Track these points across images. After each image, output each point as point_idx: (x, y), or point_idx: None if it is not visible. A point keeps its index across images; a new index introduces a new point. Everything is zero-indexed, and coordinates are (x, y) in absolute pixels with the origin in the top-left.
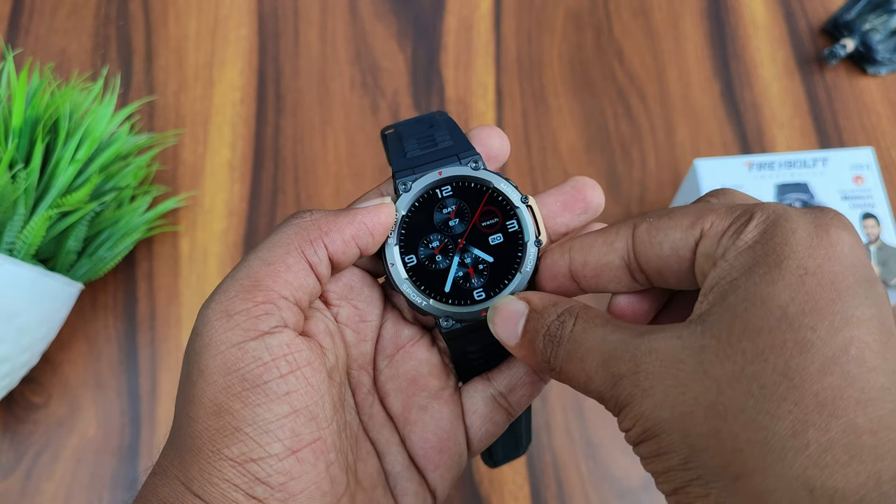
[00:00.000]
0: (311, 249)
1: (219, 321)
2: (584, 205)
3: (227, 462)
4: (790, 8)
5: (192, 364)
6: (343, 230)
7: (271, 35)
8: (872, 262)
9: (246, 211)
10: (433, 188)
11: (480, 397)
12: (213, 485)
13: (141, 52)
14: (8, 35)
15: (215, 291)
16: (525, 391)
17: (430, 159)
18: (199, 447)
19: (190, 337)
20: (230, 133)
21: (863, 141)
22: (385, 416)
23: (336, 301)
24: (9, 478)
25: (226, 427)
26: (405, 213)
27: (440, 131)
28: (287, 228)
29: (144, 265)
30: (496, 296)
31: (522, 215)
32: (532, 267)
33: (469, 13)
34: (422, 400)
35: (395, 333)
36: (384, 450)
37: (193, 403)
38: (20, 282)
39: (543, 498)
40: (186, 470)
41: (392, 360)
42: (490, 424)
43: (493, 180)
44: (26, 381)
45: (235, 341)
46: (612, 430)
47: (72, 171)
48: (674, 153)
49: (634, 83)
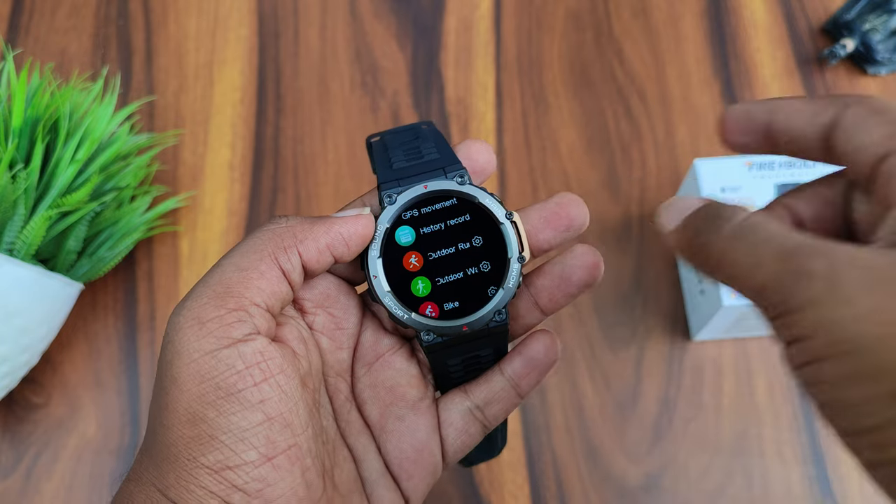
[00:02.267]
0: (285, 256)
1: (191, 329)
2: (567, 222)
3: (204, 469)
4: (790, 8)
5: (164, 372)
6: (318, 238)
7: (271, 35)
8: None
9: (246, 211)
10: (418, 201)
11: (457, 410)
12: (190, 492)
13: (141, 52)
14: (8, 35)
15: (187, 297)
16: (502, 406)
17: (416, 171)
18: (175, 455)
19: (162, 344)
20: (230, 133)
21: None
22: (362, 424)
23: (311, 309)
24: (9, 478)
25: (201, 435)
26: (388, 225)
27: (426, 143)
28: (261, 234)
29: (144, 265)
30: (477, 312)
31: (506, 231)
32: (515, 283)
33: (469, 13)
34: (399, 410)
35: (374, 342)
36: (361, 456)
37: (167, 411)
38: (20, 282)
39: (543, 498)
40: (163, 477)
41: (371, 368)
42: (465, 437)
43: (478, 195)
44: (26, 381)
45: (208, 349)
46: (612, 430)
47: (72, 171)
48: (674, 153)
49: (634, 83)
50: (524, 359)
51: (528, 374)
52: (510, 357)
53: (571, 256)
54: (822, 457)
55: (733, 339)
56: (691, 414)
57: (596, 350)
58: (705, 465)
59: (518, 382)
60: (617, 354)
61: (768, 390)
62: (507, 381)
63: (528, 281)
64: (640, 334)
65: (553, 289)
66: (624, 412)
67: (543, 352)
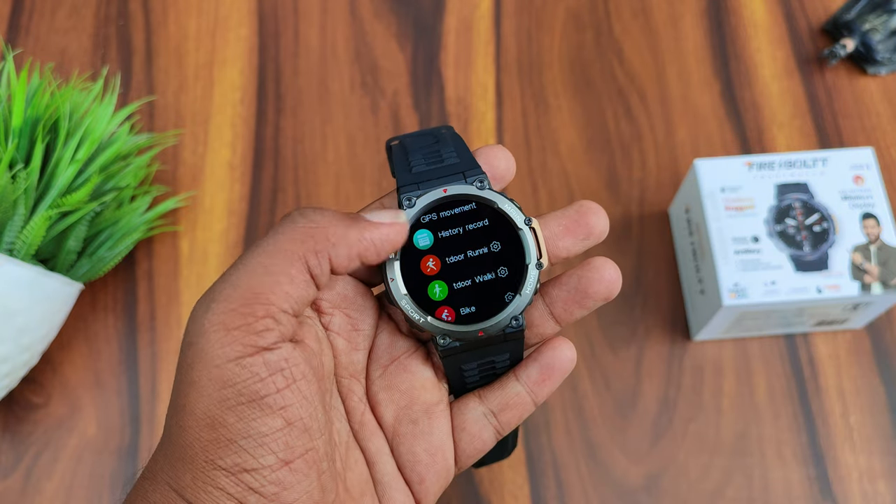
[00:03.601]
0: (316, 260)
1: (216, 334)
2: (586, 230)
3: (221, 472)
4: (790, 8)
5: (184, 374)
6: (351, 245)
7: (271, 35)
8: (872, 263)
9: (246, 211)
10: (437, 205)
11: (471, 415)
12: (207, 493)
13: (141, 52)
14: (8, 35)
15: (212, 298)
16: (516, 412)
17: (436, 175)
18: (192, 457)
19: (183, 345)
20: (230, 133)
21: (863, 141)
22: (376, 425)
23: (329, 309)
24: (9, 477)
25: (219, 439)
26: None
27: (446, 147)
28: (292, 231)
29: (144, 265)
30: (494, 317)
31: (525, 237)
32: (532, 290)
33: (469, 13)
34: (413, 413)
35: (390, 344)
36: (374, 458)
37: (185, 413)
38: (20, 282)
39: (543, 498)
40: (179, 478)
41: (386, 370)
42: (479, 442)
43: (498, 201)
44: (26, 381)
45: (233, 356)
46: (612, 430)
47: (72, 171)
48: (674, 153)
49: (634, 83)
50: (540, 365)
51: (543, 380)
52: (526, 363)
53: (589, 269)
54: (822, 457)
55: (733, 338)
56: (691, 414)
57: (596, 350)
58: (705, 465)
59: (533, 389)
60: (617, 354)
61: (768, 390)
62: (523, 387)
63: (544, 290)
64: (639, 334)
65: (568, 300)
66: (624, 412)
67: (560, 359)
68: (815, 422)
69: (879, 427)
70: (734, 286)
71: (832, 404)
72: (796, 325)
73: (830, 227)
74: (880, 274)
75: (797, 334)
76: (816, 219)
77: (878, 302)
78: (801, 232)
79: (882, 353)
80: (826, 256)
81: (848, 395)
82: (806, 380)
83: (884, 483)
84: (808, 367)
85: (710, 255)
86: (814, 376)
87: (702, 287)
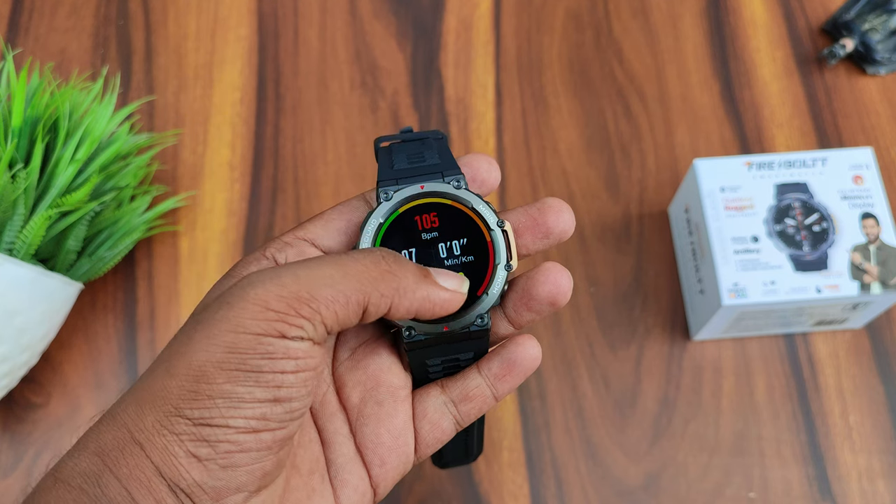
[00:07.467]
0: (377, 303)
1: (255, 307)
2: (544, 230)
3: (183, 420)
4: (790, 8)
5: (198, 323)
6: (414, 301)
7: (271, 35)
8: (872, 263)
9: (246, 211)
10: (412, 200)
11: (432, 403)
12: (161, 436)
13: (141, 52)
14: (8, 35)
15: (272, 277)
16: (475, 404)
17: (415, 173)
18: (162, 401)
19: (219, 299)
20: (230, 133)
21: (862, 141)
22: (338, 406)
23: None
24: (8, 477)
25: (199, 393)
26: (382, 220)
27: (430, 150)
28: (373, 266)
29: (144, 265)
30: (460, 314)
31: (496, 238)
32: (499, 290)
33: (469, 13)
34: (380, 395)
35: (359, 327)
36: (331, 439)
37: (179, 359)
38: (20, 281)
39: (543, 497)
40: (140, 419)
41: (354, 352)
42: (438, 431)
43: (473, 201)
44: (26, 381)
45: (256, 331)
46: (612, 429)
47: (72, 171)
48: (673, 153)
49: (634, 83)
50: (502, 360)
51: (504, 375)
52: (489, 357)
53: (537, 271)
54: (822, 457)
55: (733, 338)
56: (690, 413)
57: (596, 350)
58: (704, 465)
59: (494, 383)
60: (617, 354)
61: (768, 390)
62: (484, 380)
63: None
64: (639, 334)
65: (517, 301)
66: (623, 412)
67: (523, 355)
68: (815, 421)
69: (879, 427)
70: (734, 286)
71: (831, 404)
72: (796, 324)
73: (830, 227)
74: (879, 274)
75: (796, 334)
76: (816, 219)
77: (877, 302)
78: (800, 232)
79: (881, 353)
80: (825, 256)
81: (847, 395)
82: (805, 379)
83: (883, 482)
84: (807, 366)
85: (709, 254)
86: (813, 376)
87: (701, 287)
